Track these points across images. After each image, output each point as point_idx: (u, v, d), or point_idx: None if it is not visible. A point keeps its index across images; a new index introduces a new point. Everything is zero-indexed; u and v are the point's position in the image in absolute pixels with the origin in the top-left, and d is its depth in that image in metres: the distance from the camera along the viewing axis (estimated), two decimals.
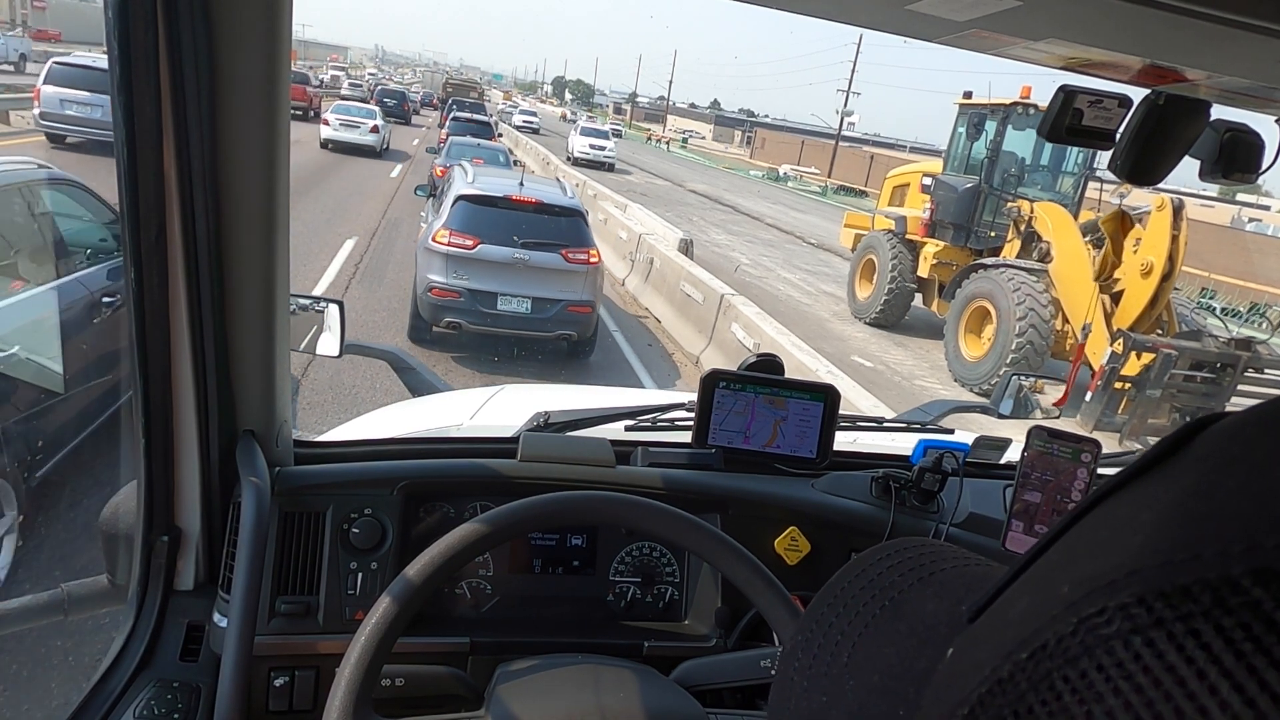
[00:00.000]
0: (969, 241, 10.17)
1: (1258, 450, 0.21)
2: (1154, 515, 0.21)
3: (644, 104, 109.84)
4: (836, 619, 0.35)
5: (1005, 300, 8.21)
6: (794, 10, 0.95)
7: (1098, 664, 0.19)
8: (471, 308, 6.48)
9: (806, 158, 51.90)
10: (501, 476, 1.28)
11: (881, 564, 0.37)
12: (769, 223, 22.28)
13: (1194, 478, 0.21)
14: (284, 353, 1.17)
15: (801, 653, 0.35)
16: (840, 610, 0.35)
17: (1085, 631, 0.19)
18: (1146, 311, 7.61)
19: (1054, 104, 1.12)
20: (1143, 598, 0.19)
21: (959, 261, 10.14)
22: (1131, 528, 0.21)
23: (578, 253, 6.80)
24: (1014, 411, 1.90)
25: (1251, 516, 0.19)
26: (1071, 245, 8.33)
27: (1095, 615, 0.19)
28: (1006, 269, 8.51)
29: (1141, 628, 0.18)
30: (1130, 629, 0.18)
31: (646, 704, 0.94)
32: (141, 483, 1.11)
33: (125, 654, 1.09)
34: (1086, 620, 0.20)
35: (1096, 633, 0.19)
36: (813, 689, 0.33)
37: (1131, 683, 0.18)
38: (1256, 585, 0.17)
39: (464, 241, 6.51)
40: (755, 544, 1.16)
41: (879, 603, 0.35)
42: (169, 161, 0.95)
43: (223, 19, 0.92)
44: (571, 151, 30.65)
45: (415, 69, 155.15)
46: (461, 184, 6.94)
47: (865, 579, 0.37)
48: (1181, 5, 0.71)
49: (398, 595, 0.85)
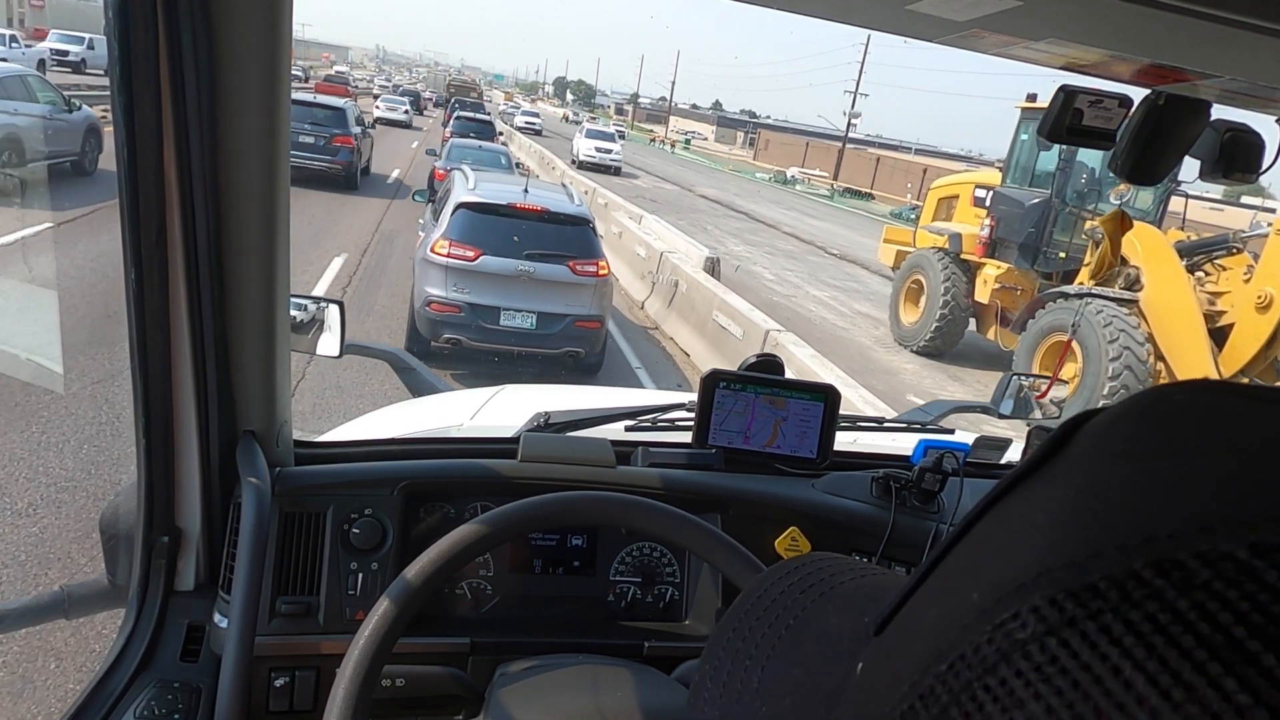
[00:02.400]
0: (1036, 263, 9.05)
1: (1136, 443, 0.21)
2: (1050, 516, 0.21)
3: (645, 105, 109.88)
4: (743, 644, 0.35)
5: (1093, 336, 7.20)
6: (794, 10, 0.95)
7: (1016, 669, 0.19)
8: (472, 323, 6.11)
9: (810, 159, 51.79)
10: (502, 477, 1.28)
11: (781, 583, 0.37)
12: (786, 231, 21.70)
13: (1081, 475, 0.22)
14: (284, 353, 1.17)
15: (710, 683, 0.34)
16: (745, 635, 0.35)
17: (1001, 637, 0.20)
18: (1262, 352, 6.68)
19: (1054, 104, 1.12)
20: (1053, 598, 0.19)
21: (1024, 286, 9.12)
22: (1030, 530, 0.22)
23: (586, 264, 6.41)
24: (1014, 411, 1.90)
25: (1142, 509, 0.19)
26: (1169, 272, 7.29)
27: (1009, 620, 0.20)
28: (1093, 299, 7.41)
29: (1055, 628, 0.18)
30: (1044, 630, 0.19)
31: (646, 703, 0.94)
32: (142, 483, 1.11)
33: (125, 654, 1.09)
34: (1001, 626, 0.20)
35: (1012, 638, 0.19)
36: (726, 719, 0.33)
37: (1050, 685, 0.18)
38: (1158, 577, 0.17)
39: (464, 253, 6.14)
40: (756, 544, 1.16)
41: (783, 623, 0.34)
42: (169, 161, 0.95)
43: (223, 19, 0.92)
44: (576, 155, 29.93)
45: (415, 69, 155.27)
46: (462, 191, 6.55)
47: (767, 600, 0.36)
48: (1181, 5, 0.71)
49: (398, 596, 0.85)
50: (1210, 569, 0.17)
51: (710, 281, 8.26)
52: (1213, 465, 0.19)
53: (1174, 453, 0.20)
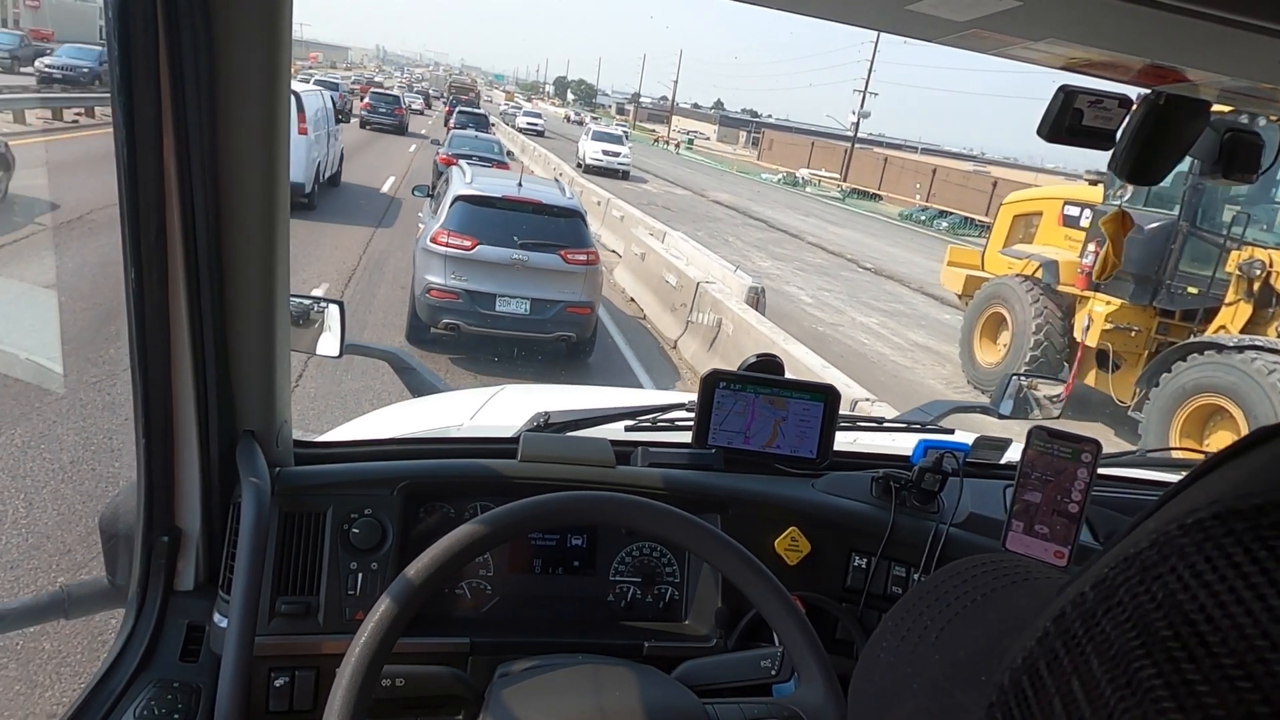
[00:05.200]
0: (1156, 299, 7.47)
1: None
2: (1234, 474, 0.23)
3: (647, 104, 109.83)
4: (928, 609, 0.37)
5: (1263, 402, 5.84)
6: (794, 10, 0.95)
7: (1172, 567, 0.21)
8: (470, 309, 6.47)
9: (815, 159, 51.51)
10: (502, 477, 1.28)
11: (978, 567, 0.39)
12: (811, 241, 20.43)
13: (1267, 457, 0.24)
14: (284, 353, 1.17)
15: (890, 636, 0.37)
16: (932, 602, 0.38)
17: (1163, 543, 0.22)
18: None
19: (1054, 104, 1.12)
20: (1219, 514, 0.21)
21: (1143, 326, 7.55)
22: (1210, 484, 0.24)
23: (577, 253, 6.77)
24: (1014, 411, 1.90)
25: None
26: None
27: (1176, 532, 0.22)
28: (1257, 353, 5.99)
29: (1215, 537, 0.21)
30: (1203, 539, 0.21)
31: (645, 701, 0.94)
32: (142, 483, 1.11)
33: (125, 654, 1.09)
34: (1166, 535, 0.22)
35: (1174, 542, 0.22)
36: (898, 663, 0.36)
37: (1200, 580, 0.20)
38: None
39: (462, 242, 6.50)
40: (755, 544, 1.16)
41: (971, 596, 0.37)
42: (169, 161, 0.95)
43: (223, 19, 0.92)
44: (583, 158, 28.43)
45: (415, 69, 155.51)
46: (460, 184, 6.91)
47: (959, 578, 0.38)
48: (1182, 5, 0.71)
49: (398, 595, 0.85)
50: None
51: (763, 323, 7.06)
52: None
53: None
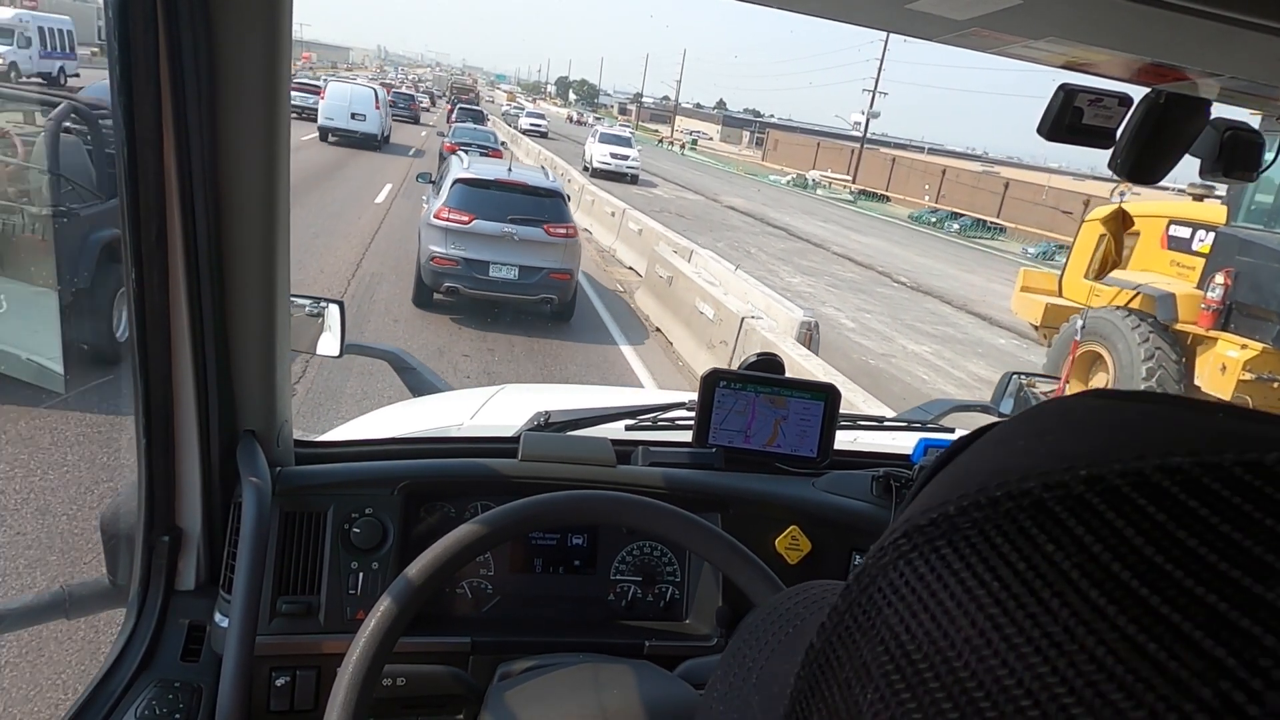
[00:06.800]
0: None
1: (999, 430, 0.27)
2: (929, 489, 0.27)
3: (649, 104, 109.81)
4: (749, 650, 0.40)
5: None
6: (794, 10, 0.95)
7: (899, 571, 0.24)
8: (467, 274, 7.70)
9: (821, 160, 51.29)
10: (502, 476, 1.28)
11: (791, 599, 0.43)
12: (837, 251, 19.18)
13: (950, 471, 0.27)
14: (284, 353, 1.17)
15: (720, 684, 0.40)
16: (752, 644, 0.41)
17: (880, 554, 0.26)
18: None
19: (1054, 102, 1.12)
20: (907, 532, 0.25)
21: None
22: (921, 497, 0.27)
23: (558, 227, 8.05)
24: (1014, 409, 1.90)
25: (970, 479, 0.24)
26: None
27: (888, 544, 0.26)
28: None
29: (904, 552, 0.24)
30: (896, 555, 0.25)
31: (646, 698, 0.94)
32: (142, 483, 1.11)
33: (126, 654, 1.09)
34: (879, 548, 0.26)
35: (885, 553, 0.26)
36: (728, 710, 0.38)
37: (897, 594, 0.24)
38: (960, 516, 0.24)
39: (460, 217, 7.75)
40: (756, 543, 1.16)
41: (784, 631, 0.40)
42: (169, 161, 0.96)
43: (223, 19, 0.92)
44: (590, 161, 27.22)
45: (416, 69, 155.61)
46: (459, 169, 8.29)
47: (774, 614, 0.42)
48: (1182, 4, 0.71)
49: (399, 595, 0.85)
50: (1012, 501, 0.23)
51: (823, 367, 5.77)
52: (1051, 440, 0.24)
53: (1031, 434, 0.26)
